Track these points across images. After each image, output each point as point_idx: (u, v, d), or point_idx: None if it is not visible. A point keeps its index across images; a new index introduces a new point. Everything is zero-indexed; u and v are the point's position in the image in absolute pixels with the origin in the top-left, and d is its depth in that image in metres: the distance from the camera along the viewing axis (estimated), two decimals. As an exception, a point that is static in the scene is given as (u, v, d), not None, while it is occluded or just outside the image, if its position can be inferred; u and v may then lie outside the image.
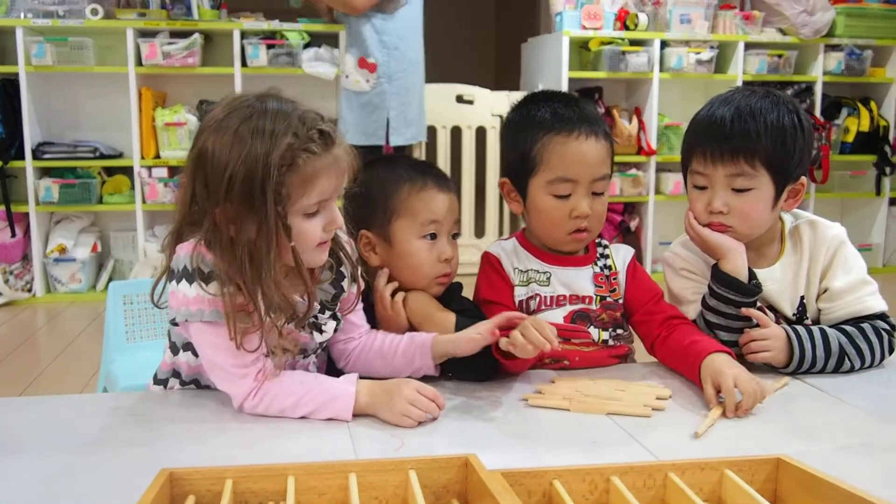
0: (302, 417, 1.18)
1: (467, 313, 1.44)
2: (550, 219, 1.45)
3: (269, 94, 1.18)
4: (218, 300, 1.15)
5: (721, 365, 1.27)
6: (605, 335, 1.48)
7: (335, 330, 1.32)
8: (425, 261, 1.42)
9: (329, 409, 1.17)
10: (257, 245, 1.13)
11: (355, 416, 1.17)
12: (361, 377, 1.22)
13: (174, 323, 1.22)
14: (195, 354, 1.27)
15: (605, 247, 1.54)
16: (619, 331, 1.50)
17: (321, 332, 1.29)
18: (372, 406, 1.17)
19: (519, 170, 1.47)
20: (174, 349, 1.30)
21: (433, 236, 1.43)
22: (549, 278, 1.49)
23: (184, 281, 1.18)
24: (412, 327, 1.41)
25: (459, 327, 1.39)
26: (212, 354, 1.21)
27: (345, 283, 1.32)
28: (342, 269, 1.32)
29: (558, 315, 1.47)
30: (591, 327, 1.47)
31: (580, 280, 1.49)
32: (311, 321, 1.27)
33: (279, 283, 1.16)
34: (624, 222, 4.66)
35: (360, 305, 1.38)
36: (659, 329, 1.45)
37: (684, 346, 1.37)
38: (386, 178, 1.44)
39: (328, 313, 1.30)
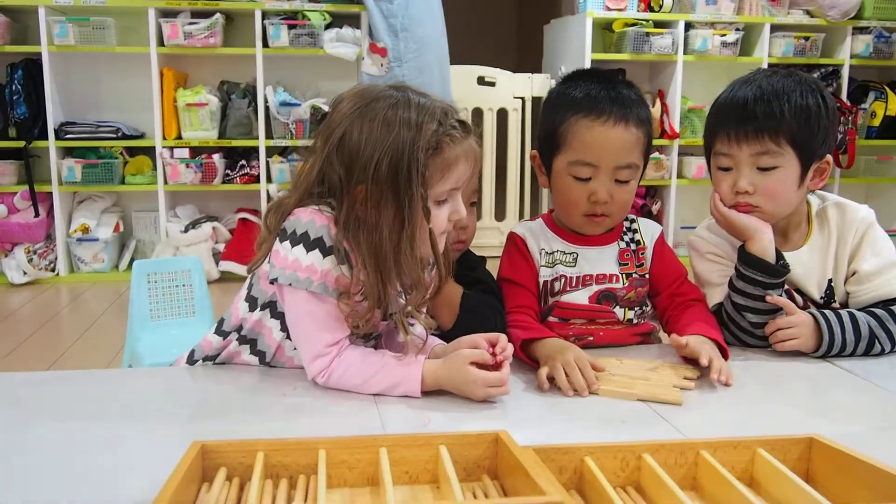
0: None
1: (482, 286, 1.44)
2: (568, 199, 1.44)
3: (403, 85, 1.23)
4: (330, 275, 1.17)
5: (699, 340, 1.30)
6: (630, 314, 1.47)
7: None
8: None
9: (396, 391, 1.18)
10: (398, 226, 1.16)
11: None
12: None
13: (273, 282, 1.22)
14: (273, 315, 1.28)
15: (633, 221, 1.53)
16: (644, 307, 1.50)
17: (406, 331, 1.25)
18: (440, 386, 1.18)
19: (546, 146, 1.47)
20: (252, 305, 1.29)
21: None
22: (575, 259, 1.48)
23: (300, 246, 1.18)
24: None
25: (465, 301, 1.39)
26: (304, 324, 1.22)
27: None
28: None
29: (583, 296, 1.46)
30: (617, 307, 1.46)
31: (605, 259, 1.48)
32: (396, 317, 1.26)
33: (422, 261, 1.20)
34: (646, 206, 4.63)
35: None
36: (677, 309, 1.45)
37: (682, 326, 1.39)
38: None
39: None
